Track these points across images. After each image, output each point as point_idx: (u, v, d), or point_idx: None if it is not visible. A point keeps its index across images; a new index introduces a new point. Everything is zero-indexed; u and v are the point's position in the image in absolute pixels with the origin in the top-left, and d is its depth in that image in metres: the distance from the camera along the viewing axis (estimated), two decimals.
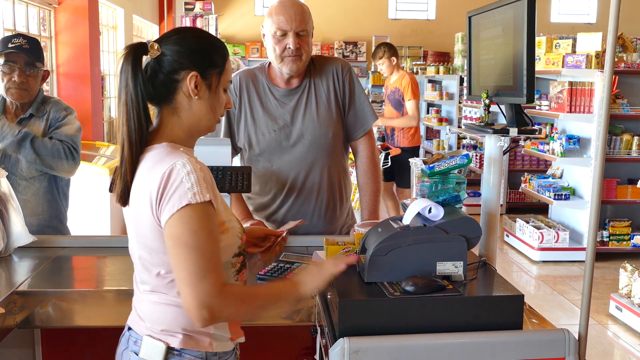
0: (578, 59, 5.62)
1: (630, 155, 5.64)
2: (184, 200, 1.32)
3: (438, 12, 13.89)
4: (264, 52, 13.67)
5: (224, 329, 1.49)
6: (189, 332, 1.44)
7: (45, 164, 2.58)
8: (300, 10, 2.27)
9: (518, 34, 1.87)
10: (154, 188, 1.35)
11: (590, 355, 3.77)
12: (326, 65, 2.42)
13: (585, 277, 1.61)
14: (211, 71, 1.45)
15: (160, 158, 1.39)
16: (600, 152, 1.57)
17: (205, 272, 1.32)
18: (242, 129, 2.42)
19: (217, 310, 1.34)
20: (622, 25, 1.99)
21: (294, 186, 2.39)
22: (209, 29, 6.75)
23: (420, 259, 1.61)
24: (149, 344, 1.45)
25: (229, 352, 1.52)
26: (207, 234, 1.34)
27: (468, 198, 6.94)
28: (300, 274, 1.53)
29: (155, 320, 1.46)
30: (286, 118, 2.37)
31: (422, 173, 1.80)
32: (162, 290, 1.44)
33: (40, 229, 2.63)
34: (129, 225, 1.47)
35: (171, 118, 1.45)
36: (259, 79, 2.42)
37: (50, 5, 6.80)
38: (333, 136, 2.40)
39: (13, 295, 1.81)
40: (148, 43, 1.41)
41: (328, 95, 2.39)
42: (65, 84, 6.73)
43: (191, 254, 1.32)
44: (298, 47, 2.26)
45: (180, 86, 1.43)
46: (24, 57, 2.58)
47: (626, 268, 4.37)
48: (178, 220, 1.32)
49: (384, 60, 5.93)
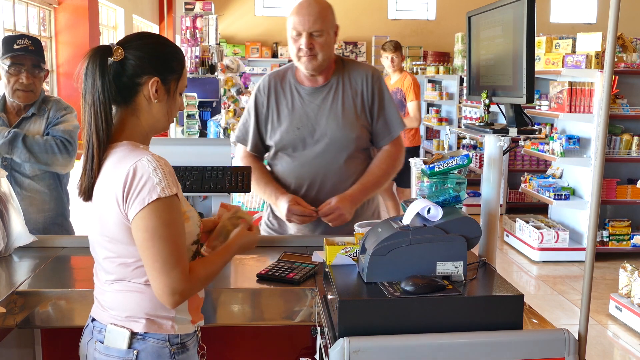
0: (578, 59, 5.62)
1: (630, 155, 5.64)
2: (154, 195, 1.41)
3: (438, 12, 13.90)
4: (264, 52, 13.68)
5: (185, 312, 1.57)
6: (152, 317, 1.53)
7: (39, 161, 2.58)
8: (316, 11, 2.29)
9: (518, 34, 1.88)
10: (119, 184, 1.43)
11: (590, 355, 3.77)
12: (356, 70, 2.44)
13: (585, 277, 1.61)
14: (171, 77, 1.55)
15: (123, 155, 1.47)
16: (600, 152, 1.57)
17: (176, 261, 1.44)
18: (268, 129, 2.46)
19: (186, 294, 1.48)
20: (622, 25, 1.99)
21: (314, 184, 2.41)
22: (209, 29, 6.74)
23: (420, 259, 1.62)
24: (113, 331, 1.53)
25: (191, 335, 1.60)
26: (175, 225, 1.45)
27: (468, 198, 6.93)
28: (233, 239, 1.66)
29: (119, 308, 1.53)
30: (310, 116, 2.39)
31: (422, 173, 1.80)
32: (126, 278, 1.52)
33: (46, 226, 2.64)
34: (92, 219, 1.54)
35: (130, 119, 1.54)
36: (287, 79, 2.46)
37: (50, 5, 6.80)
38: (356, 138, 2.39)
39: (13, 295, 1.81)
40: (112, 46, 1.48)
41: (354, 99, 2.40)
42: (65, 84, 6.73)
43: (163, 245, 1.43)
44: (311, 47, 2.29)
45: (141, 89, 1.51)
46: (30, 59, 2.58)
47: (626, 268, 4.37)
48: (149, 214, 1.41)
49: (396, 54, 5.87)
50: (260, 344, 2.28)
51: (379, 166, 2.43)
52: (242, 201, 4.01)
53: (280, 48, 13.71)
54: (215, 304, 1.86)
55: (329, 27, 2.33)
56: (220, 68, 6.77)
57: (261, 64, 13.66)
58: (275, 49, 13.76)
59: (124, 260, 1.50)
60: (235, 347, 2.23)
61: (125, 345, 1.51)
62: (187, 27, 6.67)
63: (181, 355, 1.55)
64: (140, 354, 1.51)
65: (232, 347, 2.23)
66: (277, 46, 13.76)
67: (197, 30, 6.66)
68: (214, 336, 1.90)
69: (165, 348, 1.53)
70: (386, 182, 2.47)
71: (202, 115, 6.36)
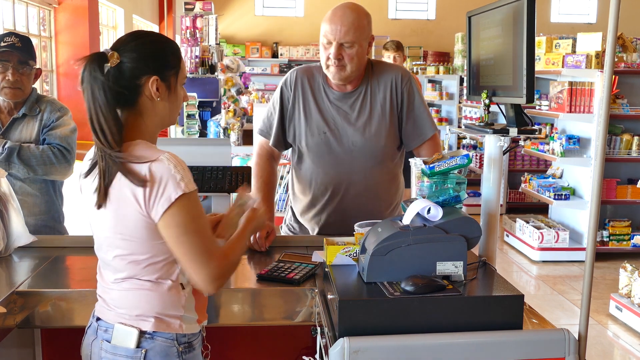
0: (578, 59, 5.62)
1: (630, 155, 5.64)
2: (179, 191, 1.43)
3: (438, 12, 13.90)
4: (264, 52, 13.68)
5: (192, 312, 1.59)
6: (161, 315, 1.53)
7: (38, 172, 2.55)
8: (349, 20, 2.19)
9: (518, 34, 1.87)
10: (138, 185, 1.43)
11: (590, 355, 3.77)
12: (385, 73, 2.36)
13: (585, 277, 1.61)
14: (169, 73, 1.55)
15: (140, 155, 1.47)
16: (600, 152, 1.57)
17: (210, 251, 1.48)
18: (293, 126, 2.39)
19: (226, 277, 1.53)
20: (622, 25, 1.99)
21: (338, 190, 2.35)
22: (209, 29, 6.75)
23: (420, 259, 1.61)
24: (121, 331, 1.53)
25: (196, 334, 1.61)
26: (202, 217, 1.50)
27: (468, 198, 6.93)
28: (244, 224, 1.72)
29: (128, 307, 1.54)
30: (337, 122, 2.33)
31: (422, 173, 1.80)
32: (137, 276, 1.52)
33: (38, 229, 2.62)
34: (103, 220, 1.52)
35: (137, 119, 1.54)
36: (316, 79, 2.39)
37: (50, 5, 6.80)
38: (384, 146, 2.34)
39: (13, 295, 1.81)
40: (107, 52, 1.48)
41: (384, 103, 2.33)
42: (65, 84, 6.73)
43: (196, 238, 1.46)
44: (340, 58, 2.21)
45: (142, 90, 1.52)
46: (17, 56, 2.54)
47: (626, 268, 4.37)
48: (178, 210, 1.44)
49: (399, 54, 5.84)
50: (261, 344, 2.28)
51: None
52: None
53: (280, 48, 13.71)
54: (215, 304, 1.86)
55: (362, 38, 2.23)
56: (220, 68, 6.78)
57: (261, 64, 13.66)
58: (275, 49, 13.76)
59: (135, 257, 1.50)
60: (235, 347, 2.23)
61: (133, 345, 1.52)
62: (187, 27, 6.68)
63: (188, 355, 1.57)
64: (148, 353, 1.52)
65: (232, 347, 2.23)
66: (277, 46, 13.76)
67: (197, 30, 6.66)
68: (215, 336, 1.90)
69: (173, 347, 1.54)
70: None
71: (202, 115, 6.37)
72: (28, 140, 2.60)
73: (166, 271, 1.53)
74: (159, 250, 1.50)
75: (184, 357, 1.55)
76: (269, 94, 8.83)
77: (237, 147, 5.57)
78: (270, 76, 13.48)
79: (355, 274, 1.70)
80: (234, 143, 5.64)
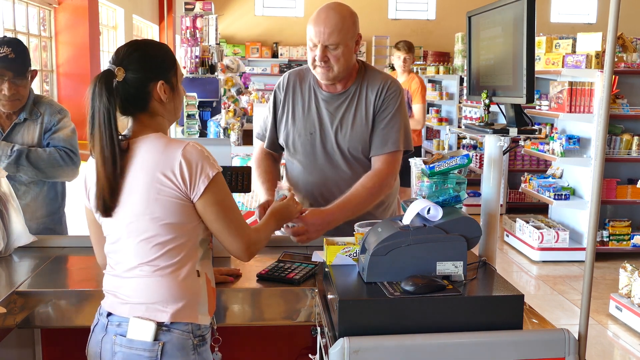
0: (578, 59, 5.62)
1: (630, 155, 5.64)
2: (214, 170, 1.58)
3: (438, 12, 13.91)
4: (263, 52, 13.69)
5: (205, 299, 1.64)
6: (178, 303, 1.56)
7: (46, 175, 2.55)
8: (333, 22, 2.19)
9: (518, 34, 1.88)
10: (173, 167, 1.54)
11: (590, 355, 3.77)
12: (377, 79, 2.34)
13: (585, 277, 1.61)
14: (170, 74, 1.67)
15: (161, 144, 1.58)
16: (600, 152, 1.57)
17: (244, 222, 1.66)
18: (282, 128, 2.41)
19: (259, 246, 1.70)
20: (622, 25, 1.99)
21: (324, 190, 2.35)
22: (209, 29, 6.74)
23: (420, 259, 1.62)
24: (137, 324, 1.55)
25: (208, 328, 1.66)
26: (231, 194, 1.66)
27: (468, 198, 6.92)
28: (276, 214, 1.88)
29: (146, 296, 1.56)
30: (324, 122, 2.34)
31: (422, 173, 1.80)
32: (158, 260, 1.57)
33: (39, 231, 2.61)
34: (129, 208, 1.57)
35: (151, 120, 1.65)
36: (307, 79, 2.40)
37: (50, 5, 6.80)
38: (362, 150, 2.32)
39: (13, 295, 1.81)
40: (113, 69, 1.58)
41: (367, 108, 2.32)
42: (65, 84, 6.73)
43: (233, 211, 1.63)
44: (326, 60, 2.21)
45: (152, 95, 1.64)
46: (12, 69, 2.47)
47: (626, 268, 4.37)
48: (216, 187, 1.58)
49: (409, 55, 5.81)
50: (261, 343, 2.28)
51: (364, 185, 2.23)
52: (242, 201, 4.01)
53: (280, 48, 13.72)
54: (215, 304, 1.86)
55: (348, 38, 2.22)
56: (220, 68, 6.78)
57: (261, 64, 13.66)
58: (275, 49, 13.76)
59: (160, 239, 1.56)
60: (235, 347, 2.23)
61: (150, 338, 1.54)
62: (187, 27, 6.68)
63: (202, 348, 1.61)
64: (165, 346, 1.54)
65: (232, 347, 2.23)
66: (277, 46, 13.76)
67: (197, 30, 6.66)
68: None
69: (189, 340, 1.57)
70: (371, 203, 2.26)
71: (202, 115, 6.37)
72: (30, 144, 2.58)
73: (185, 254, 1.59)
74: (184, 231, 1.58)
75: (198, 350, 1.59)
76: (268, 94, 8.81)
77: (237, 147, 5.56)
78: (270, 76, 13.49)
79: (355, 274, 1.70)
80: (234, 143, 5.64)
